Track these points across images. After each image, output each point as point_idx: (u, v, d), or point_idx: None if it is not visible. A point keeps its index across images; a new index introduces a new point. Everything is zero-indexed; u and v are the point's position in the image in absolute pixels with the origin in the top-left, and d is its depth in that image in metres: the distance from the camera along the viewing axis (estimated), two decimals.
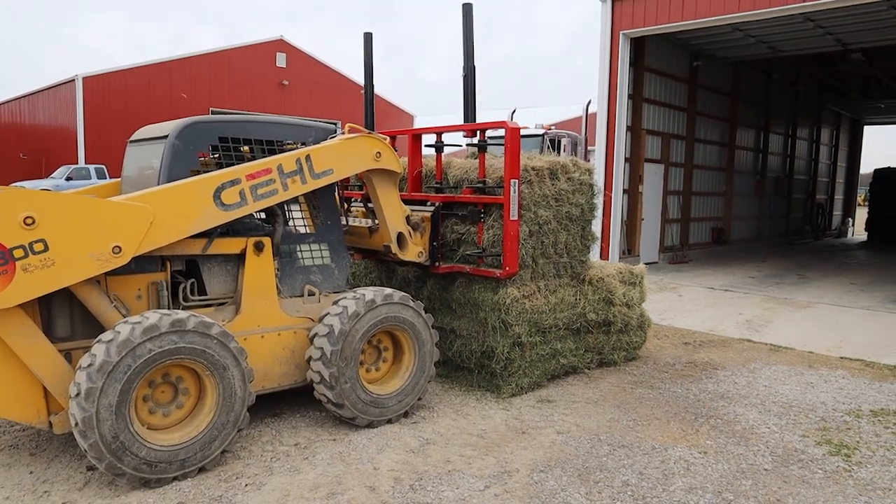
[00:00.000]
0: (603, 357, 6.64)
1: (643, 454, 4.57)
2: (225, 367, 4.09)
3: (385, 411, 4.92)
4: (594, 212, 6.59)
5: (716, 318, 9.35)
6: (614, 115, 13.45)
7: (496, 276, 5.53)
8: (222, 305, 4.70)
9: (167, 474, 3.92)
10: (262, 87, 33.54)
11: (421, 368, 5.13)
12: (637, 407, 5.54)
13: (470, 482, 4.09)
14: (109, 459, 3.71)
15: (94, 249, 3.81)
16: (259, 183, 4.48)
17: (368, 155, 5.09)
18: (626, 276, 6.94)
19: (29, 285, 3.62)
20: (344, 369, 4.65)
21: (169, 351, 3.87)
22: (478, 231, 5.78)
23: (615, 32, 13.32)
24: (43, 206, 3.66)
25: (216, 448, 4.12)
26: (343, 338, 4.63)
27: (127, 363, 3.72)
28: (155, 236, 4.04)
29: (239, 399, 4.18)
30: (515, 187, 5.40)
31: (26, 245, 3.59)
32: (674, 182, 16.79)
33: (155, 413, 4.04)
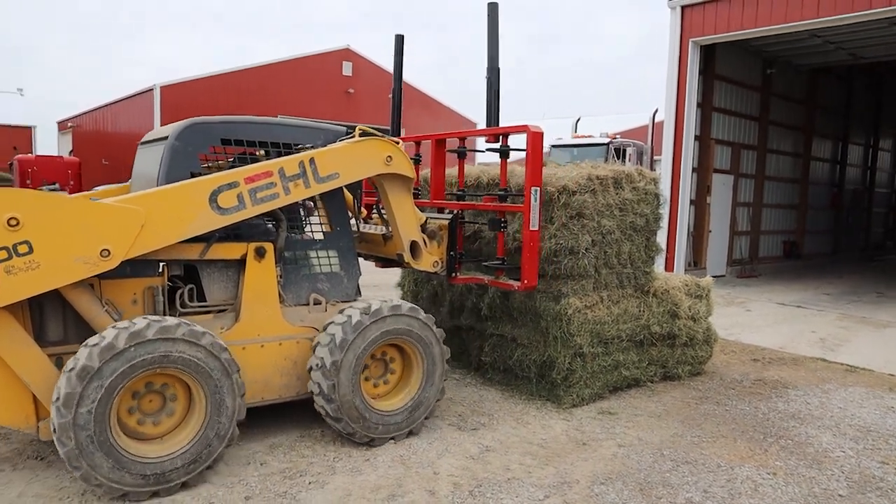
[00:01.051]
0: (667, 371, 6.50)
1: (708, 472, 4.45)
2: (214, 378, 3.92)
3: (389, 428, 4.68)
4: (659, 222, 6.47)
5: (787, 336, 8.99)
6: (682, 125, 13.16)
7: (514, 289, 5.26)
8: (222, 312, 4.53)
9: (143, 488, 3.76)
10: (328, 96, 34.37)
11: (430, 384, 4.86)
12: (702, 423, 5.39)
13: (529, 491, 4.08)
14: (85, 468, 3.59)
15: (82, 252, 3.68)
16: (258, 186, 4.29)
17: (378, 159, 4.86)
18: (693, 288, 6.78)
19: (12, 288, 3.52)
20: (344, 382, 4.43)
21: (154, 359, 3.72)
22: (498, 241, 5.53)
23: (684, 40, 13.04)
24: (28, 206, 3.55)
25: (200, 464, 3.95)
26: (345, 349, 4.41)
27: (111, 368, 3.60)
28: (146, 240, 3.89)
29: (228, 413, 4.00)
30: (537, 196, 5.06)
31: (10, 247, 3.49)
32: (744, 193, 16.26)
33: (144, 423, 3.92)
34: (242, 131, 4.59)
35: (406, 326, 4.71)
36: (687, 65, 13.03)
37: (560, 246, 5.60)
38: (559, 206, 5.64)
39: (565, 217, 5.63)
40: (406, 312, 4.71)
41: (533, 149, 5.05)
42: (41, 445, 4.54)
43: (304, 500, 3.88)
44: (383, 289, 11.26)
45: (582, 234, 5.65)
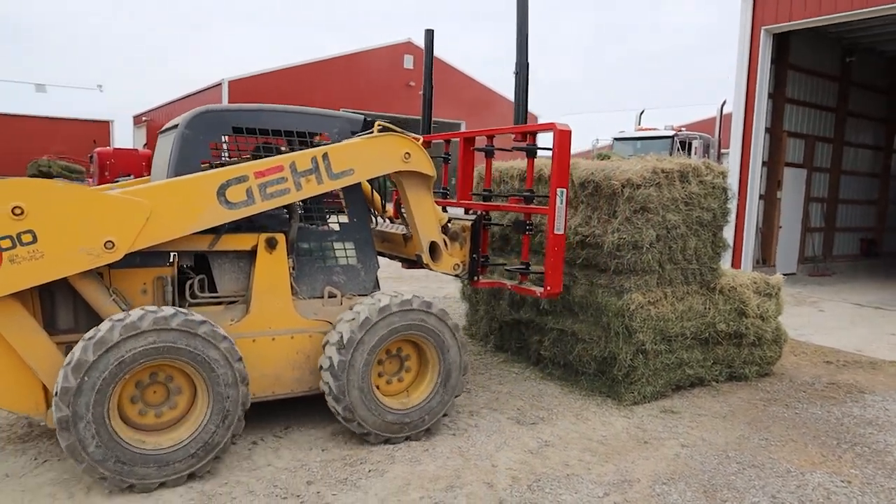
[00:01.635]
0: (733, 370, 6.30)
1: (776, 476, 4.30)
2: (214, 368, 3.87)
3: (404, 427, 4.55)
4: (727, 217, 6.26)
5: (863, 338, 8.56)
6: (752, 116, 12.65)
7: (537, 295, 5.06)
8: (233, 304, 4.48)
9: (147, 479, 3.76)
10: (390, 89, 34.71)
11: (446, 382, 4.69)
12: (770, 426, 5.20)
13: (589, 488, 4.04)
14: (88, 462, 3.61)
15: (86, 243, 3.67)
16: (269, 181, 4.18)
17: (396, 155, 4.69)
18: (762, 286, 6.54)
19: (15, 276, 3.54)
20: (354, 381, 4.33)
21: (150, 351, 3.70)
22: (523, 244, 5.36)
23: (756, 28, 12.52)
24: (33, 196, 3.55)
25: (205, 455, 3.92)
26: (352, 347, 4.30)
27: (106, 362, 3.59)
28: (152, 232, 3.85)
29: (231, 403, 3.95)
30: (563, 198, 4.81)
31: (14, 236, 3.50)
32: (818, 188, 15.54)
33: (146, 414, 3.90)
34: (254, 119, 4.50)
35: (418, 322, 4.53)
36: (758, 54, 12.51)
37: (623, 240, 5.49)
38: (623, 200, 5.53)
39: (629, 211, 5.52)
40: (417, 307, 4.52)
41: (560, 148, 4.81)
42: None
43: (364, 487, 3.96)
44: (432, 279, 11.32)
45: (646, 228, 5.53)
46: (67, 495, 3.74)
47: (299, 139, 4.69)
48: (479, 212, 5.37)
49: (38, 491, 3.78)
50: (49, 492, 3.78)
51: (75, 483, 3.88)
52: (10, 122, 37.54)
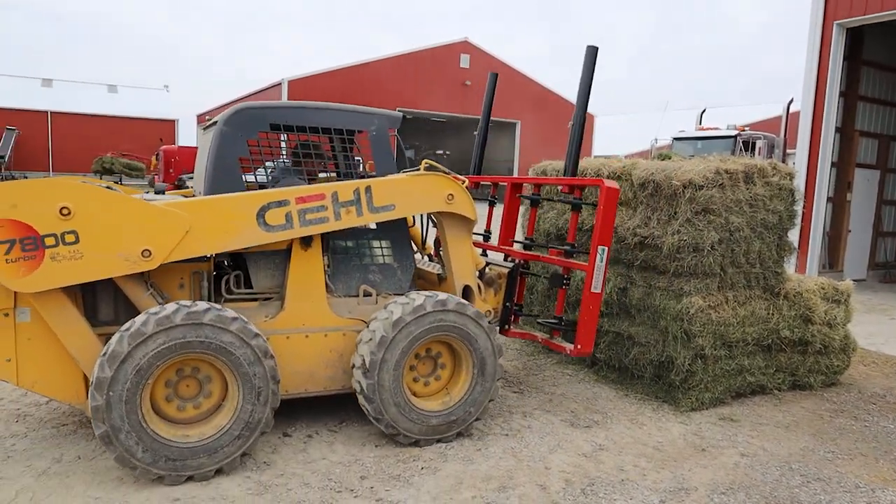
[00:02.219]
0: (797, 379, 6.06)
1: (844, 492, 4.12)
2: (245, 364, 3.92)
3: (437, 429, 4.49)
4: (793, 220, 6.03)
5: None
6: (821, 115, 12.13)
7: (567, 352, 4.89)
8: (268, 300, 4.51)
9: (176, 472, 3.83)
10: (446, 88, 34.84)
11: (481, 384, 4.61)
12: (836, 438, 4.99)
13: (644, 494, 3.96)
14: (120, 451, 3.69)
15: (124, 249, 3.78)
16: (309, 208, 4.23)
17: (439, 196, 4.69)
18: (830, 292, 6.27)
19: (54, 274, 3.65)
20: (386, 381, 4.30)
21: (181, 345, 3.77)
22: (558, 298, 5.16)
23: (827, 23, 11.99)
24: (81, 198, 3.68)
25: (233, 452, 3.96)
26: (385, 346, 4.27)
27: (140, 353, 3.69)
28: (189, 246, 3.95)
29: (261, 400, 3.99)
30: (603, 256, 4.66)
31: (58, 234, 3.62)
32: (892, 190, 14.78)
33: (184, 409, 3.99)
34: (292, 116, 4.52)
35: (452, 323, 4.47)
36: (829, 50, 11.97)
37: (683, 242, 5.36)
38: (684, 201, 5.40)
39: (690, 213, 5.39)
40: (453, 308, 4.46)
41: (606, 205, 4.68)
42: None
43: (416, 484, 3.98)
44: None
45: (708, 230, 5.37)
46: (133, 480, 3.89)
47: (338, 136, 4.71)
48: (517, 260, 5.30)
49: (106, 474, 3.96)
50: (117, 476, 3.94)
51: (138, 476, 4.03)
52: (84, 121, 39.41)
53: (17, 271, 3.59)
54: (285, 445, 4.43)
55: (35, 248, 3.60)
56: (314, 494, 3.82)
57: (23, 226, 3.58)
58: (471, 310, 4.56)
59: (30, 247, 3.59)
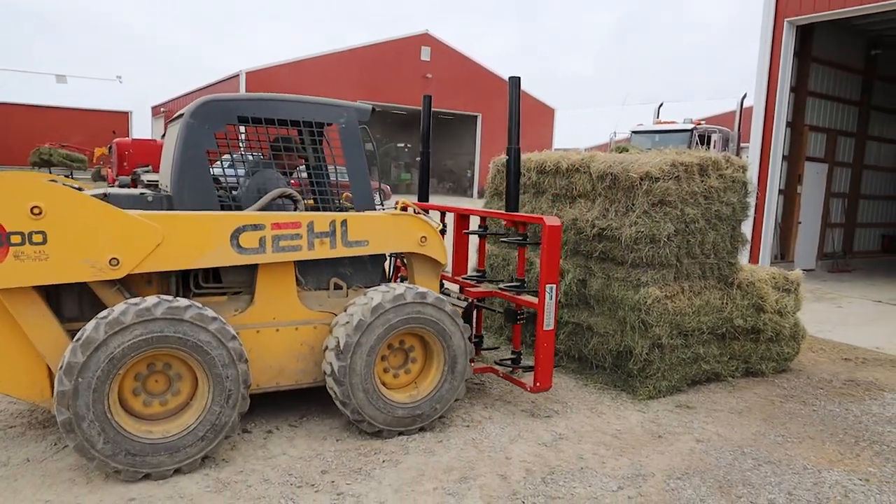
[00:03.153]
0: (749, 366, 6.24)
1: (793, 473, 4.26)
2: (218, 365, 3.86)
3: (401, 421, 4.49)
4: (746, 212, 6.19)
5: (884, 335, 8.44)
6: (773, 110, 12.48)
7: (526, 388, 4.94)
8: (237, 294, 4.46)
9: (133, 468, 3.73)
10: (407, 81, 34.69)
11: (450, 380, 4.62)
12: (787, 422, 5.16)
13: (603, 481, 4.03)
14: (80, 440, 3.60)
15: (92, 256, 3.70)
16: (283, 235, 4.21)
17: (413, 237, 4.73)
18: (781, 281, 6.47)
19: (15, 273, 3.56)
20: (358, 365, 4.28)
21: (159, 338, 3.71)
22: (514, 333, 5.29)
23: (778, 20, 12.32)
24: (55, 200, 3.60)
25: (195, 452, 3.89)
26: (361, 330, 4.26)
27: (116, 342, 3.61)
28: (158, 259, 3.89)
29: (230, 402, 3.92)
30: (552, 294, 4.74)
31: (25, 233, 3.54)
32: (839, 183, 15.31)
33: (150, 404, 3.91)
34: (260, 108, 4.44)
35: (429, 317, 4.47)
36: (780, 46, 12.32)
37: (640, 234, 5.45)
38: (641, 193, 5.50)
39: (647, 204, 5.48)
40: (431, 302, 4.46)
41: (549, 243, 4.73)
42: None
43: (378, 476, 3.98)
44: None
45: (664, 221, 5.48)
46: (86, 481, 3.79)
47: (307, 129, 4.63)
48: (470, 299, 5.25)
49: (57, 476, 3.84)
50: (68, 477, 3.83)
51: (94, 469, 3.93)
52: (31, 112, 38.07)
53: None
54: (245, 442, 4.37)
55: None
56: (274, 490, 3.78)
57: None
58: (448, 307, 4.57)
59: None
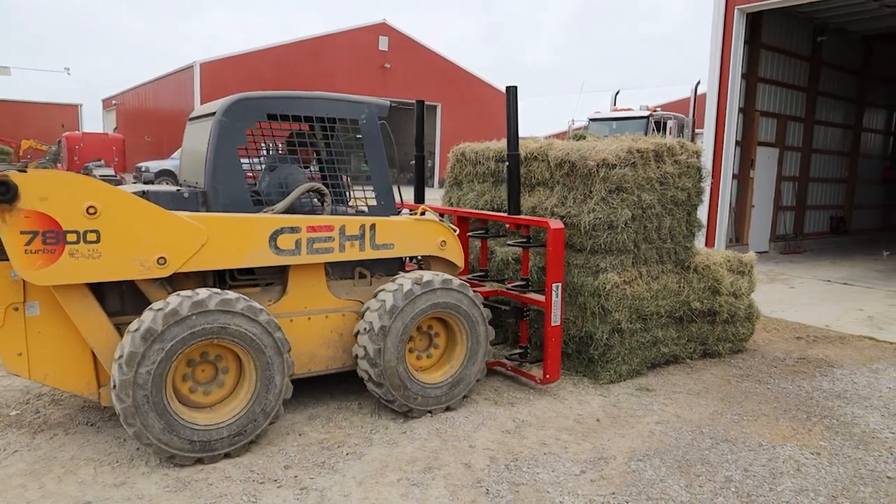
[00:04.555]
0: (707, 348, 6.39)
1: (749, 450, 4.38)
2: (266, 354, 4.06)
3: (428, 401, 4.72)
4: (701, 196, 6.30)
5: (833, 313, 8.74)
6: (725, 96, 12.74)
7: (535, 381, 5.27)
8: (269, 286, 4.65)
9: (189, 453, 3.89)
10: (365, 71, 34.35)
11: (472, 362, 4.90)
12: (743, 401, 5.30)
13: (566, 466, 4.08)
14: (139, 426, 3.74)
15: (141, 255, 3.85)
16: (318, 237, 4.43)
17: (434, 241, 5.01)
18: (735, 264, 6.62)
19: (69, 270, 3.69)
20: (391, 347, 4.51)
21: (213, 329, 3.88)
22: (521, 329, 5.57)
23: (729, 7, 12.57)
24: (109, 200, 3.75)
25: (244, 438, 4.06)
26: (394, 315, 4.49)
27: (173, 333, 3.76)
28: (202, 259, 4.05)
29: (276, 390, 4.13)
30: (558, 292, 5.08)
31: (81, 232, 3.68)
32: (789, 167, 15.74)
33: (195, 392, 4.07)
34: (288, 106, 4.61)
35: (455, 301, 4.76)
36: (731, 34, 12.57)
37: (599, 220, 5.51)
38: (599, 180, 5.54)
39: (605, 191, 5.54)
40: (456, 287, 4.76)
41: (554, 245, 5.03)
42: (92, 412, 4.70)
43: (341, 470, 3.95)
44: None
45: (621, 208, 5.55)
46: (38, 486, 3.68)
47: (330, 124, 4.75)
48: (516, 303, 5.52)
49: (7, 482, 3.72)
50: (19, 483, 3.71)
51: (45, 473, 3.82)
52: None
53: (33, 263, 3.62)
54: None
55: (56, 243, 3.64)
56: (236, 487, 3.72)
57: (48, 219, 3.62)
58: (471, 292, 4.88)
59: (51, 240, 3.63)
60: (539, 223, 5.25)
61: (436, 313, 4.74)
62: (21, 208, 3.56)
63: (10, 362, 3.92)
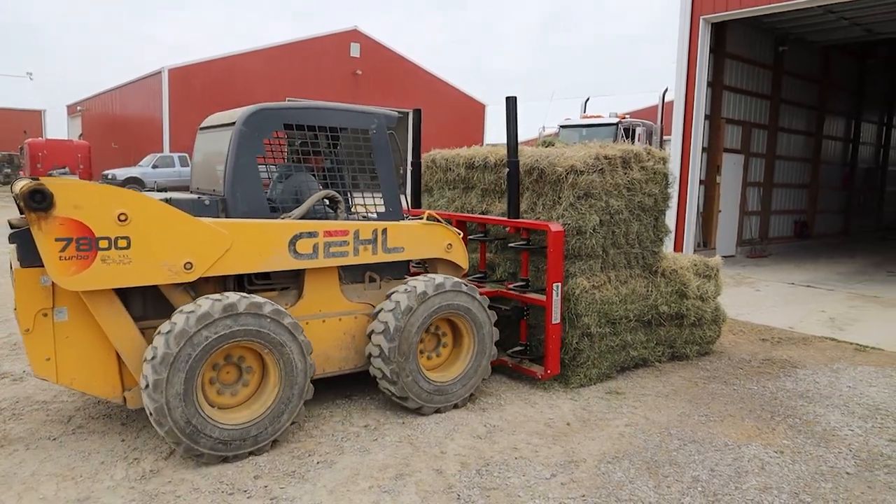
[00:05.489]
0: (675, 351, 6.49)
1: (715, 451, 4.46)
2: (291, 356, 4.21)
3: (439, 399, 4.92)
4: (668, 202, 6.42)
5: (796, 315, 8.95)
6: (692, 104, 13.01)
7: (537, 376, 5.50)
8: (285, 290, 4.80)
9: (216, 452, 4.01)
10: (336, 77, 34.20)
11: (478, 362, 5.12)
12: (710, 402, 5.39)
13: (536, 470, 4.11)
14: (170, 426, 3.85)
15: (169, 260, 3.99)
16: (334, 241, 4.63)
17: (440, 244, 5.27)
18: (701, 268, 6.75)
19: (101, 275, 3.81)
20: (405, 347, 4.70)
21: (243, 332, 4.03)
22: (521, 327, 5.77)
23: (695, 18, 12.85)
24: (139, 207, 3.90)
25: (268, 437, 4.20)
26: (409, 315, 4.69)
27: (204, 335, 3.89)
28: (226, 263, 4.21)
29: (298, 390, 4.28)
30: (558, 291, 5.34)
31: (112, 238, 3.81)
32: (754, 173, 16.12)
33: (223, 393, 4.21)
34: (303, 116, 4.78)
35: (464, 303, 4.98)
36: (697, 43, 12.86)
37: (567, 226, 5.57)
38: (567, 186, 5.61)
39: (573, 197, 5.60)
40: (466, 290, 4.99)
41: (554, 247, 5.29)
42: (54, 426, 4.60)
43: (312, 479, 3.93)
44: None
45: (590, 213, 5.62)
46: None
47: (343, 134, 4.96)
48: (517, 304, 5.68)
49: None
50: None
51: (4, 491, 3.73)
52: None
53: (67, 269, 3.72)
54: (174, 452, 4.22)
55: (89, 249, 3.76)
56: (205, 499, 3.68)
57: (82, 226, 3.74)
58: (479, 294, 5.11)
59: (84, 247, 3.75)
60: (539, 226, 5.46)
61: (446, 314, 4.95)
62: (56, 216, 3.67)
63: (39, 367, 4.00)
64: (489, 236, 6.31)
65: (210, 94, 30.27)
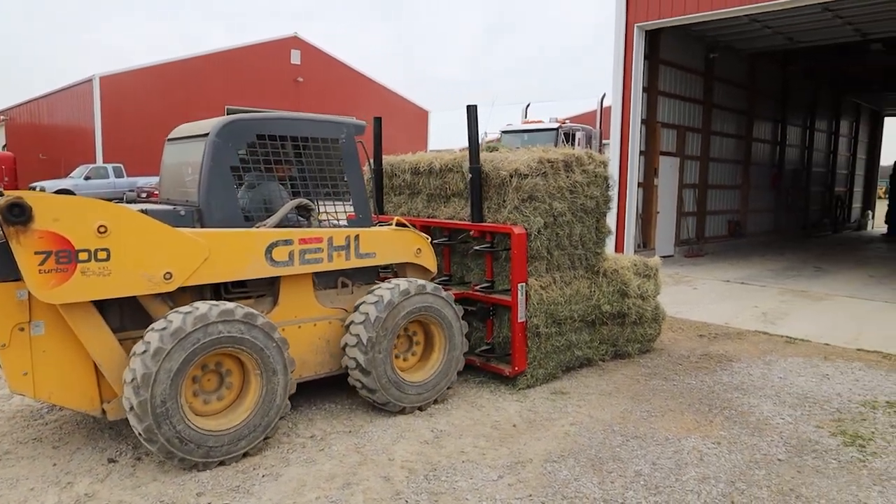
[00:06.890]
0: (617, 349, 6.65)
1: (656, 445, 4.58)
2: (269, 357, 4.26)
3: (418, 398, 5.07)
4: (609, 204, 6.57)
5: (731, 311, 9.30)
6: (629, 109, 13.38)
7: (505, 373, 5.65)
8: (261, 297, 4.85)
9: (210, 458, 4.05)
10: (277, 85, 33.73)
11: (451, 357, 5.27)
12: (651, 398, 5.54)
13: (484, 472, 4.13)
14: (161, 442, 3.86)
15: (149, 270, 4.00)
16: (309, 248, 4.70)
17: (410, 249, 5.41)
18: (641, 268, 6.94)
19: (82, 288, 3.79)
20: (379, 356, 4.81)
21: (219, 340, 4.05)
22: (487, 327, 5.92)
23: (630, 25, 13.24)
24: (118, 219, 3.90)
25: (258, 436, 4.27)
26: (379, 326, 4.79)
27: (181, 349, 3.89)
28: (204, 272, 4.24)
29: (280, 388, 4.33)
30: (523, 291, 5.54)
31: (92, 250, 3.79)
32: (689, 175, 16.67)
33: (209, 402, 4.24)
34: (274, 127, 4.83)
35: (431, 304, 5.12)
36: (632, 50, 13.24)
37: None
38: (512, 189, 5.68)
39: (517, 200, 5.68)
40: (430, 291, 5.12)
41: (517, 248, 5.47)
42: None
43: (257, 493, 3.84)
44: None
45: (534, 216, 5.70)
46: None
47: (313, 143, 4.99)
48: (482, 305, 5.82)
49: None
50: None
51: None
52: None
53: (47, 282, 3.70)
54: (111, 473, 4.07)
55: (68, 262, 3.74)
56: None
57: (61, 239, 3.72)
58: (443, 292, 5.26)
59: (64, 260, 3.72)
60: (503, 230, 5.60)
61: (414, 317, 5.06)
62: (35, 229, 3.65)
63: (16, 382, 3.95)
64: (451, 241, 6.34)
65: (145, 103, 29.38)
